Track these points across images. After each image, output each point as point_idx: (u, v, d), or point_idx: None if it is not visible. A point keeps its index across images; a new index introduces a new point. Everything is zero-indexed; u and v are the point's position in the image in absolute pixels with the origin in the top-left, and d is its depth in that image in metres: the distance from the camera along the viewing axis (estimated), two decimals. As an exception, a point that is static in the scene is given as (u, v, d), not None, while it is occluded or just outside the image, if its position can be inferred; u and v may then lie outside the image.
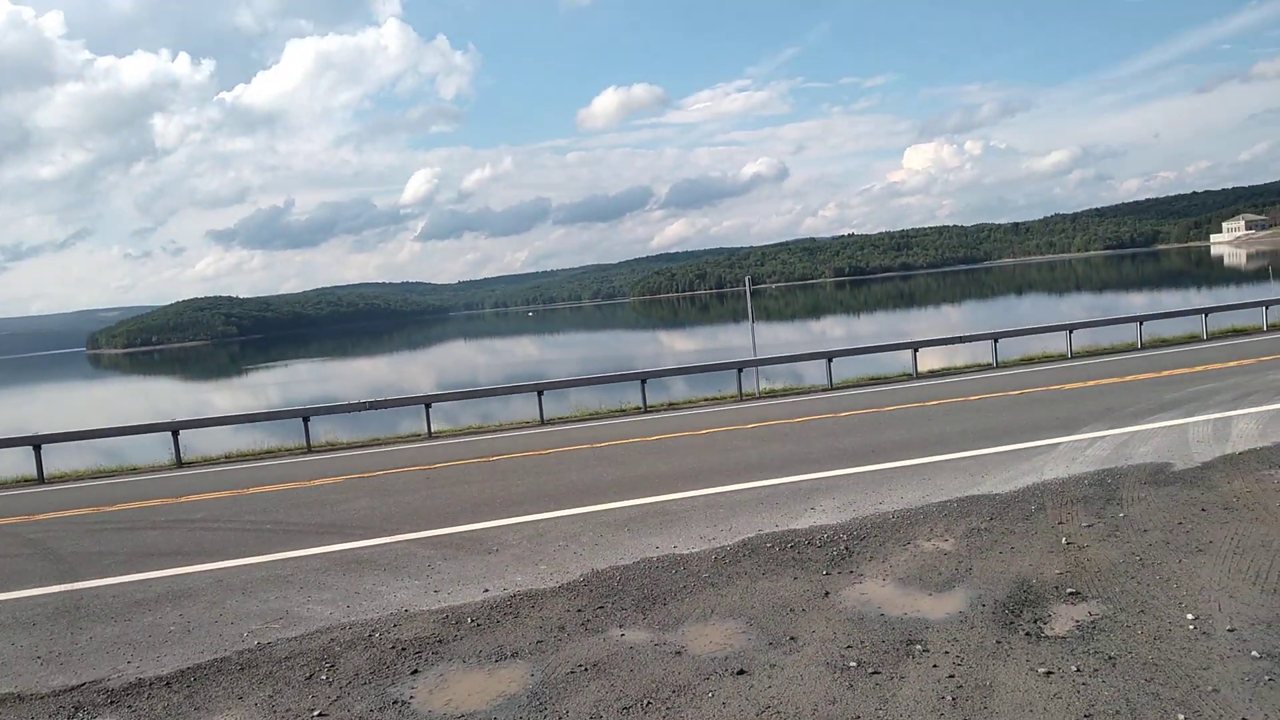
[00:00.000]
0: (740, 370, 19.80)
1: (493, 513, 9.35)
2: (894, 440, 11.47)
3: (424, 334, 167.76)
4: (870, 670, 4.68)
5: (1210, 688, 4.13)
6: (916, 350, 20.72)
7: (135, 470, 17.15)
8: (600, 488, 10.12)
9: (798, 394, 19.40)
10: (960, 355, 23.42)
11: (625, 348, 73.94)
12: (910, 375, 20.09)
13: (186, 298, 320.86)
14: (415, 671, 5.28)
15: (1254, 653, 4.43)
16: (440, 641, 5.73)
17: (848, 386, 19.65)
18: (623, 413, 18.69)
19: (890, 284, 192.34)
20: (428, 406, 18.25)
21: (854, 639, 5.11)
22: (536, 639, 5.64)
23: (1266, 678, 4.16)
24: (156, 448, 19.12)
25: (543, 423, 18.05)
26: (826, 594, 5.90)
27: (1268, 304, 23.63)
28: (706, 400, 19.91)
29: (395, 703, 4.87)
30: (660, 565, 6.87)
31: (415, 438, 17.92)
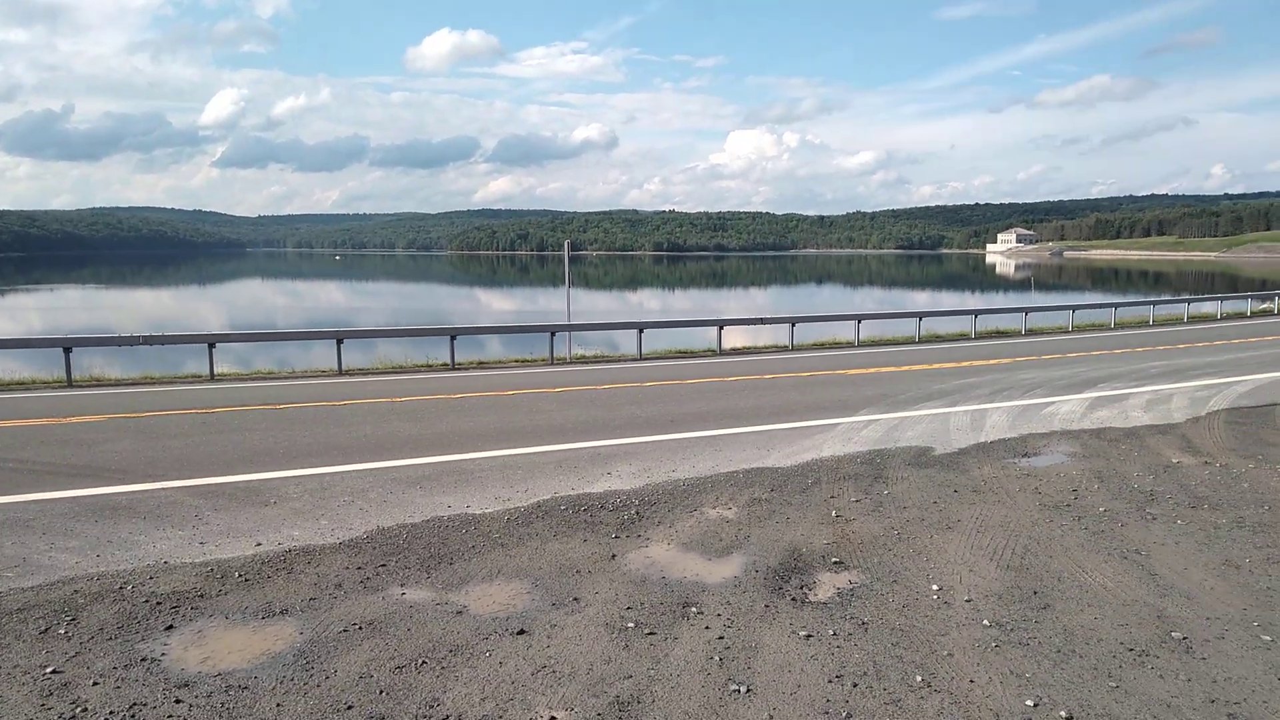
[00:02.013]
0: (553, 334, 19.77)
1: (274, 463, 8.81)
2: (693, 411, 11.87)
3: (216, 268, 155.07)
4: (647, 631, 4.82)
5: (946, 652, 4.58)
6: (721, 328, 21.54)
7: None
8: (395, 443, 9.78)
9: (608, 362, 19.65)
10: (762, 336, 24.60)
11: (438, 302, 71.84)
12: (715, 351, 20.86)
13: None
14: (170, 627, 4.89)
15: (985, 621, 4.95)
16: (201, 596, 5.34)
17: (656, 357, 20.13)
18: (429, 368, 18.17)
19: (705, 263, 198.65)
20: (211, 346, 16.90)
21: (635, 601, 5.24)
22: (310, 596, 5.38)
23: (994, 644, 4.66)
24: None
25: (340, 373, 17.21)
26: (613, 557, 6.02)
27: (1027, 310, 26.51)
28: (517, 361, 19.75)
29: (144, 660, 4.49)
30: (450, 524, 6.74)
31: (196, 379, 16.56)
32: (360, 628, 4.90)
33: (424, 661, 4.48)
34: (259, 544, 6.33)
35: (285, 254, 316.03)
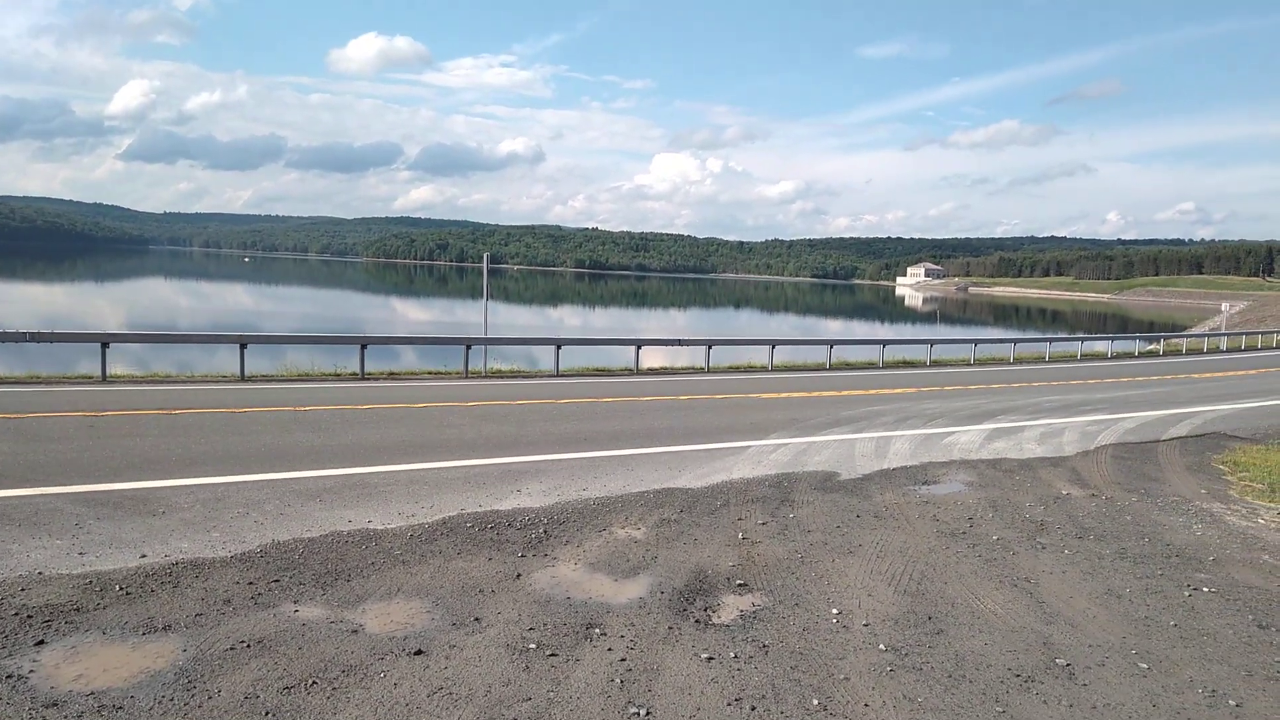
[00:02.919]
0: (469, 347, 19.49)
1: (165, 471, 8.39)
2: (607, 430, 11.85)
3: (116, 265, 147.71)
4: (548, 652, 4.75)
5: (843, 676, 4.65)
6: (639, 348, 21.62)
7: None
8: (296, 454, 9.44)
9: (525, 377, 19.47)
10: (680, 357, 24.79)
11: (352, 309, 70.13)
12: (632, 370, 20.91)
13: None
14: (41, 643, 4.58)
15: (881, 646, 5.05)
16: (78, 610, 5.03)
17: (573, 375, 20.05)
18: (337, 377, 17.66)
19: (626, 282, 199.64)
20: (105, 346, 16.04)
21: (538, 621, 5.17)
22: (196, 612, 5.12)
23: (889, 668, 4.76)
24: None
25: (243, 379, 16.57)
26: (518, 576, 5.92)
27: (932, 343, 27.46)
28: (430, 373, 19.38)
29: (9, 677, 4.19)
30: (350, 540, 6.53)
31: (87, 380, 15.69)
32: (248, 646, 4.69)
33: (314, 682, 4.31)
34: (144, 555, 6.01)
35: (191, 253, 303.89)
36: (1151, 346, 36.05)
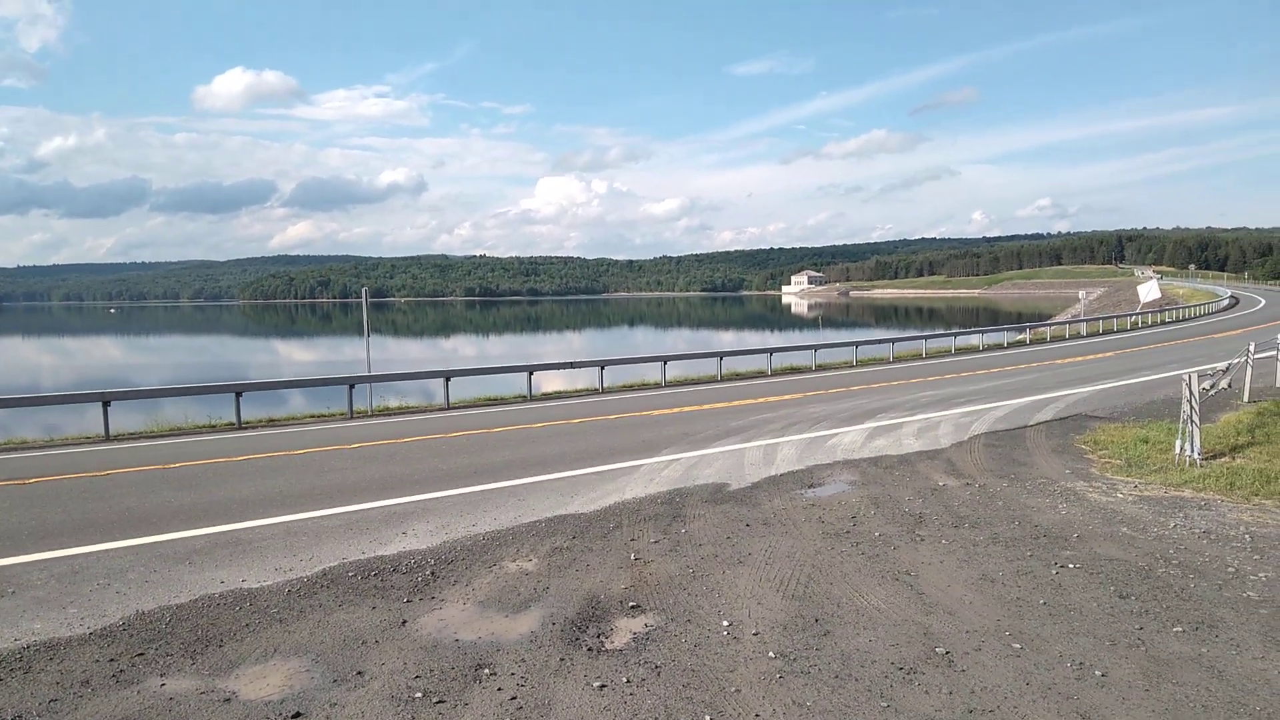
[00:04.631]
0: (352, 386, 18.87)
1: (15, 547, 7.76)
2: (498, 461, 11.66)
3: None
4: (435, 700, 4.60)
5: (734, 688, 4.67)
6: (531, 373, 21.42)
7: None
8: (163, 515, 8.89)
9: (413, 413, 18.98)
10: (578, 379, 24.69)
11: (229, 355, 66.99)
12: (526, 397, 20.69)
13: None
14: None
15: (771, 653, 5.11)
16: (-94, 714, 4.57)
17: (465, 406, 19.68)
18: (212, 429, 16.78)
19: (519, 307, 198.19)
20: (-54, 416, 14.78)
21: (424, 668, 5.00)
22: (50, 698, 4.75)
23: (779, 676, 4.82)
24: None
25: (108, 438, 15.55)
26: (404, 623, 5.73)
27: (816, 348, 28.26)
28: (312, 417, 18.65)
29: None
30: (222, 602, 6.18)
31: (-76, 454, 14.39)
32: (107, 730, 4.36)
33: (181, 762, 4.04)
34: (-14, 644, 5.52)
35: (50, 308, 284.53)
36: (1020, 336, 38.14)
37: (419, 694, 4.67)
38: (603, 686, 4.72)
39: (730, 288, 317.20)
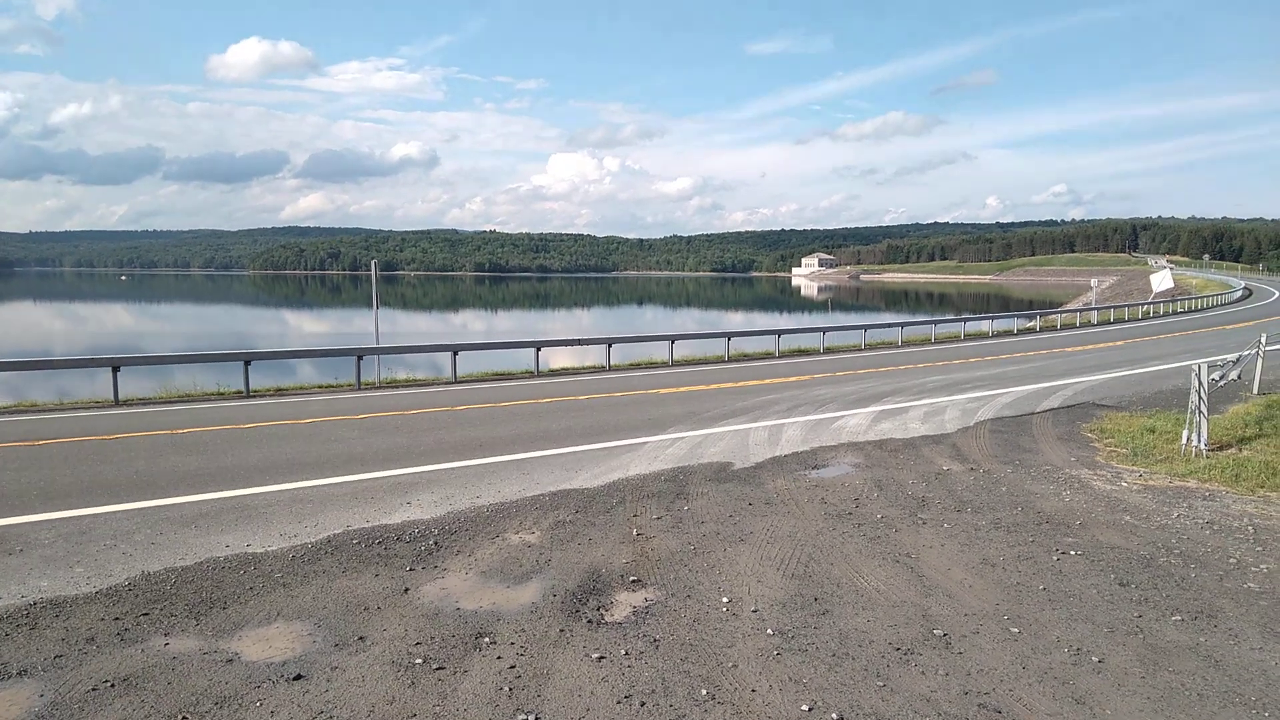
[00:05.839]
0: (360, 358, 18.93)
1: (23, 507, 7.85)
2: (504, 435, 11.70)
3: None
4: (435, 666, 4.65)
5: (731, 664, 4.71)
6: (539, 349, 21.45)
7: None
8: (171, 479, 8.97)
9: (420, 385, 19.05)
10: (587, 356, 24.72)
11: (239, 325, 67.24)
12: (533, 372, 20.73)
13: None
14: None
15: (769, 630, 5.14)
16: (-85, 667, 4.64)
17: (472, 381, 19.73)
18: (220, 396, 16.88)
19: (528, 284, 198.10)
20: (-43, 377, 14.91)
21: (425, 635, 5.05)
22: (56, 654, 4.82)
23: (775, 652, 4.85)
24: None
25: (117, 403, 15.66)
26: (406, 590, 5.78)
27: (825, 330, 28.20)
28: (320, 387, 18.74)
29: None
30: (227, 565, 6.25)
31: (-64, 414, 14.53)
32: (113, 685, 4.43)
33: (184, 717, 4.11)
34: (-5, 600, 5.60)
35: (62, 274, 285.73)
36: (1030, 324, 37.97)
37: (419, 660, 4.72)
38: (601, 658, 4.76)
39: (740, 269, 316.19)
